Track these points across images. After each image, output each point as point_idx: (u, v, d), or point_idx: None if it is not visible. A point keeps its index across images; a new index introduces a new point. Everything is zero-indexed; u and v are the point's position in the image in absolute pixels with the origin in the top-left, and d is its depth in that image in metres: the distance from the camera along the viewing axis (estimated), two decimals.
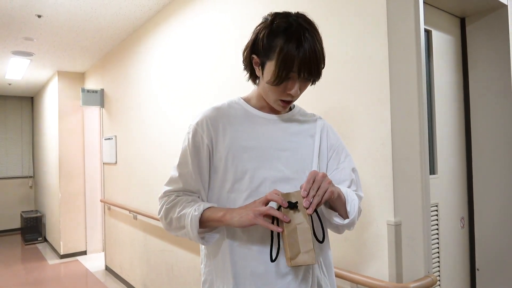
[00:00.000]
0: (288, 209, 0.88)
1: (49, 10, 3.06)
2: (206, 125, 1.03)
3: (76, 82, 5.37)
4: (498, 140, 1.88)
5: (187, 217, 0.98)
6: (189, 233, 0.98)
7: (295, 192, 0.91)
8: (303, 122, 1.11)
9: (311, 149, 1.08)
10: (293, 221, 0.88)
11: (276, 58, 0.93)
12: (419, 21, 1.43)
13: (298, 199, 0.89)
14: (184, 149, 1.06)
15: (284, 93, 0.98)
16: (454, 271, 1.86)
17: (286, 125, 1.07)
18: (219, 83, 2.44)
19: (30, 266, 4.94)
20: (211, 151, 1.03)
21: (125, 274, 4.01)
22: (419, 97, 1.42)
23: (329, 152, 1.11)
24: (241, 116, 1.06)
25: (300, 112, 1.13)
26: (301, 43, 0.90)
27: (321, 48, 0.95)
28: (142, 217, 3.51)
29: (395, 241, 1.41)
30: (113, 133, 4.30)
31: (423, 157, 1.42)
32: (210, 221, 0.97)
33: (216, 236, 1.02)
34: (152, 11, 3.19)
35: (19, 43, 3.91)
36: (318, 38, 0.94)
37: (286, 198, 0.89)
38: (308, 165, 1.06)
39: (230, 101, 1.10)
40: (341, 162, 1.10)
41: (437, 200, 1.76)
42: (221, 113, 1.05)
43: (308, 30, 0.93)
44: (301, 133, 1.09)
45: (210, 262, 1.07)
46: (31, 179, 7.23)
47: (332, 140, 1.12)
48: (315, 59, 0.92)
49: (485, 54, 1.92)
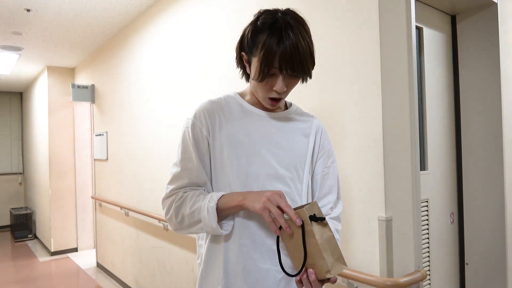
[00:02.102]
0: (313, 222, 0.86)
1: (38, 4, 3.02)
2: (204, 117, 1.03)
3: (66, 77, 5.30)
4: (487, 136, 1.90)
5: (203, 210, 0.96)
6: (207, 226, 0.96)
7: (308, 206, 0.88)
8: (299, 121, 1.11)
9: (305, 148, 1.08)
10: (322, 233, 0.86)
11: (258, 54, 0.93)
12: (411, 19, 1.44)
13: (315, 211, 0.88)
14: (184, 143, 1.05)
15: (271, 90, 0.98)
16: (444, 266, 1.88)
17: (281, 123, 1.07)
18: (213, 79, 2.43)
19: (20, 263, 4.89)
20: (209, 142, 1.03)
21: (117, 271, 4.00)
22: (410, 94, 1.43)
23: (319, 153, 1.11)
24: (236, 111, 1.05)
25: (297, 111, 1.13)
26: (282, 38, 0.90)
27: (307, 45, 0.93)
28: (133, 214, 3.49)
29: (386, 236, 1.43)
30: (104, 129, 4.26)
31: (414, 153, 1.43)
32: (227, 209, 0.96)
33: (232, 223, 1.00)
34: (143, 6, 3.16)
35: (8, 38, 3.84)
36: (304, 35, 0.93)
37: (303, 215, 0.86)
38: (301, 163, 1.06)
39: (226, 96, 1.09)
40: (327, 166, 1.11)
41: (427, 196, 1.78)
42: (217, 107, 1.05)
43: (293, 26, 0.91)
44: (296, 131, 1.09)
45: (207, 258, 1.06)
46: (21, 176, 7.15)
47: (324, 143, 1.13)
48: (298, 55, 0.90)
49: (475, 51, 1.94)
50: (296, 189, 1.04)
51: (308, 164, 1.07)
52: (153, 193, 3.16)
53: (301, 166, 1.06)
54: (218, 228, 0.95)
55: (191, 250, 2.68)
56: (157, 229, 3.10)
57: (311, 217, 0.85)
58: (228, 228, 0.99)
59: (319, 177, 1.10)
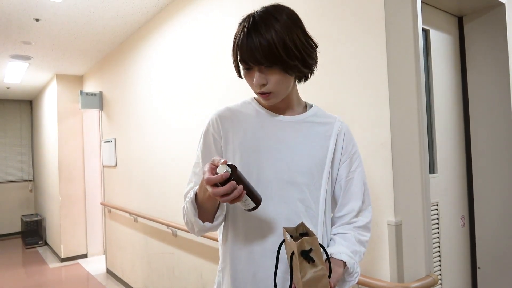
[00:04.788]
0: (303, 258, 0.80)
1: (47, 13, 3.06)
2: (217, 123, 1.03)
3: (75, 85, 5.36)
4: (497, 138, 1.88)
5: (186, 206, 0.96)
6: (191, 222, 0.96)
7: (309, 238, 0.81)
8: (318, 123, 1.06)
9: (324, 152, 1.03)
10: (311, 271, 0.80)
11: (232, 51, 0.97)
12: (417, 21, 1.43)
13: (313, 246, 0.81)
14: (198, 149, 1.06)
15: (254, 85, 0.97)
16: (455, 270, 1.85)
17: (299, 127, 1.04)
18: (221, 85, 2.44)
19: (31, 270, 4.93)
20: (223, 148, 1.03)
21: (126, 277, 4.01)
22: (418, 96, 1.42)
23: (342, 157, 1.05)
24: (252, 116, 1.04)
25: (317, 113, 1.09)
26: (244, 29, 0.91)
27: (278, 35, 0.89)
28: (142, 220, 3.51)
29: (395, 241, 1.41)
30: (113, 136, 4.29)
31: (422, 156, 1.42)
32: (204, 200, 0.92)
33: (219, 215, 0.97)
34: (150, 14, 3.19)
35: (17, 47, 3.91)
36: (278, 28, 0.89)
37: (293, 246, 0.81)
38: (318, 169, 1.01)
39: (243, 102, 1.09)
40: (351, 170, 1.06)
41: (437, 199, 1.76)
42: (232, 113, 1.05)
43: (263, 18, 0.91)
44: (315, 135, 1.04)
45: (221, 264, 1.05)
46: (31, 183, 7.23)
47: (348, 146, 1.06)
48: (262, 45, 0.88)
49: (483, 52, 1.92)
50: (311, 196, 0.99)
51: (327, 169, 1.02)
52: (162, 199, 3.17)
53: (318, 172, 1.01)
54: (197, 221, 0.93)
55: (200, 255, 2.68)
56: (166, 235, 3.10)
57: (303, 252, 0.79)
58: (216, 221, 0.96)
59: (343, 182, 1.05)
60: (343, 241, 1.00)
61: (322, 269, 0.80)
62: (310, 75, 1.04)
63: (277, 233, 0.96)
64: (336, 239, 1.02)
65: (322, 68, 1.68)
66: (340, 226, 1.04)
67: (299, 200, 0.97)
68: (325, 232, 1.01)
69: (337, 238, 1.02)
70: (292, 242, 0.81)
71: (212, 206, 0.94)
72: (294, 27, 0.93)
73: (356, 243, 1.00)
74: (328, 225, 1.03)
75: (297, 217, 0.96)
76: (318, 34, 0.98)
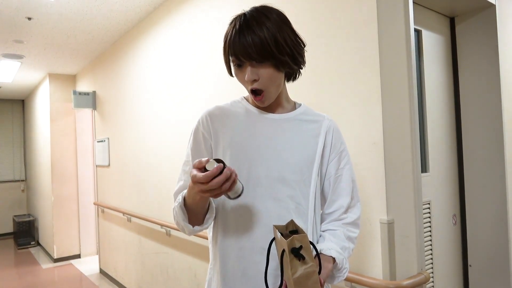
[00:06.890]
0: (293, 255, 0.80)
1: (39, 12, 3.04)
2: (207, 122, 1.04)
3: (67, 84, 5.33)
4: (488, 137, 1.90)
5: (175, 210, 0.97)
6: (181, 225, 0.97)
7: (299, 236, 0.81)
8: (307, 121, 1.07)
9: (313, 150, 1.04)
10: (302, 268, 0.80)
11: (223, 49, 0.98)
12: (409, 21, 1.45)
13: (303, 244, 0.81)
14: (188, 147, 1.07)
15: (245, 82, 0.98)
16: (447, 268, 1.88)
17: (288, 124, 1.05)
18: (213, 84, 2.44)
19: (23, 270, 4.89)
20: (212, 146, 1.03)
21: (120, 277, 3.99)
22: (410, 96, 1.43)
23: (331, 155, 1.07)
24: (241, 114, 1.05)
25: (306, 111, 1.10)
26: (235, 26, 0.93)
27: (269, 32, 0.91)
28: (136, 220, 3.50)
29: (388, 239, 1.43)
30: (106, 136, 4.27)
31: (414, 155, 1.44)
32: (193, 204, 0.93)
33: (208, 217, 0.98)
34: (144, 13, 3.18)
35: (9, 46, 3.87)
36: (267, 23, 0.92)
37: (284, 244, 0.81)
38: (308, 166, 1.03)
39: (233, 101, 1.10)
40: (340, 168, 1.07)
41: (429, 198, 1.78)
42: (222, 111, 1.06)
43: (255, 17, 0.93)
44: (304, 133, 1.05)
45: (212, 262, 1.06)
46: (23, 183, 7.17)
47: (336, 143, 1.08)
48: (252, 42, 0.90)
49: (474, 53, 1.94)
50: (301, 192, 1.00)
51: (316, 166, 1.03)
52: (155, 198, 3.17)
53: (307, 169, 1.02)
54: (187, 225, 0.95)
55: (194, 255, 2.68)
56: (160, 234, 3.10)
57: (293, 249, 0.80)
58: (206, 223, 0.98)
59: (332, 179, 1.06)
60: (332, 238, 1.01)
61: (312, 266, 0.81)
62: (298, 75, 1.06)
63: (267, 230, 0.96)
64: (325, 235, 1.03)
65: (314, 68, 1.69)
66: (330, 223, 1.05)
67: (289, 197, 0.98)
68: (315, 228, 1.02)
69: (326, 235, 1.03)
70: (282, 240, 0.82)
71: (201, 209, 0.95)
72: (284, 25, 0.96)
73: (345, 240, 1.02)
74: (317, 222, 1.04)
75: (288, 214, 0.97)
76: (310, 34, 0.99)
